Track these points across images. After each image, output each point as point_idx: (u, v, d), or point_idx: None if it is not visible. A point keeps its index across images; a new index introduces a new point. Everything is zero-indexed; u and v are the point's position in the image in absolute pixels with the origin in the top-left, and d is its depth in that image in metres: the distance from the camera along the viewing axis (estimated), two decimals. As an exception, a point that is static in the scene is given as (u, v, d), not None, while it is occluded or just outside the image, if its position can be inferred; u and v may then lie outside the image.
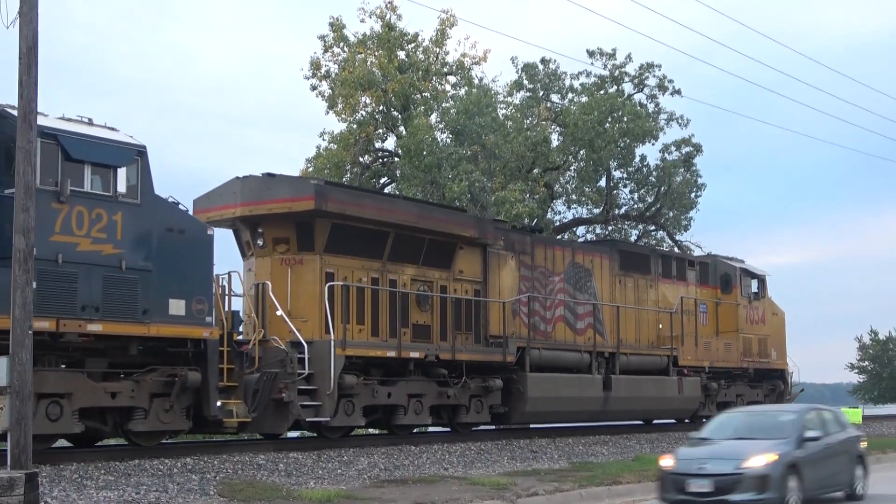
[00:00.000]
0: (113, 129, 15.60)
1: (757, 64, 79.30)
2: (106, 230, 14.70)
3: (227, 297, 17.48)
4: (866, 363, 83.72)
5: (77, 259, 14.32)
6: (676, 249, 39.96)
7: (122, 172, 14.95)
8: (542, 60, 39.93)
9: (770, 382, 31.30)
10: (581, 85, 39.95)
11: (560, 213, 40.69)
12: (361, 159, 39.35)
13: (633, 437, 23.81)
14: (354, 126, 38.47)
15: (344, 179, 38.44)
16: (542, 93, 39.94)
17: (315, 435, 19.50)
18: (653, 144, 39.41)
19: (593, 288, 24.99)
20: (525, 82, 39.80)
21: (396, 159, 38.96)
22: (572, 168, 39.48)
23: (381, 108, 38.94)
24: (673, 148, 40.34)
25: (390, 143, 40.33)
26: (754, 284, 30.98)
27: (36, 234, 11.87)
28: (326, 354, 17.92)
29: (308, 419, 18.21)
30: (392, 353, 19.46)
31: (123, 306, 14.85)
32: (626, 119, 37.22)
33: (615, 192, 40.70)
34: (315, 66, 39.26)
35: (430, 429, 22.50)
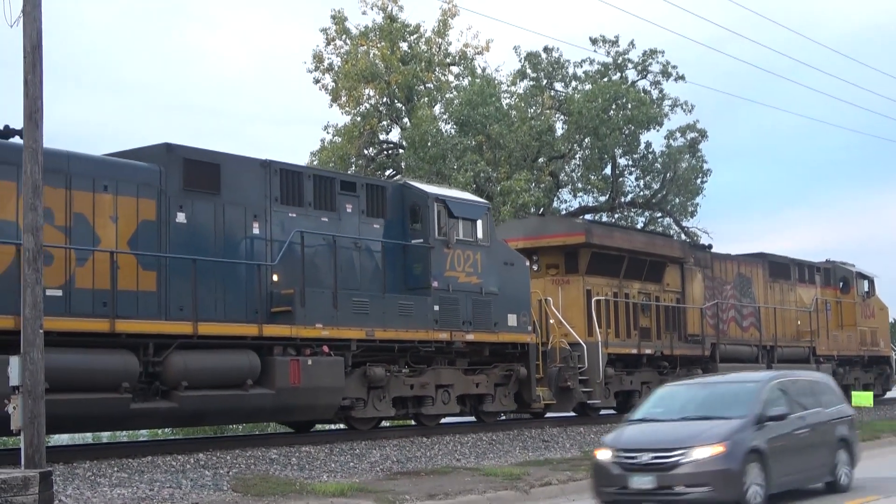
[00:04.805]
0: (464, 192, 21.46)
1: (768, 51, 78.99)
2: (472, 266, 20.02)
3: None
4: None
5: (458, 288, 19.69)
6: (683, 236, 39.93)
7: (479, 223, 20.40)
8: (546, 49, 39.80)
9: (879, 367, 35.98)
10: (584, 73, 39.81)
11: (566, 201, 40.71)
12: (366, 151, 39.36)
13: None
14: (358, 118, 38.45)
15: (350, 172, 38.47)
16: (545, 81, 39.84)
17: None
18: (657, 131, 39.38)
19: (753, 293, 30.12)
20: (528, 71, 39.67)
21: (401, 151, 38.95)
22: (577, 156, 39.43)
23: (384, 99, 38.93)
24: (678, 134, 40.25)
25: (395, 134, 40.35)
26: (866, 285, 35.27)
27: (436, 270, 19.17)
28: (596, 352, 23.16)
29: (588, 402, 23.23)
30: (634, 351, 24.95)
31: (484, 321, 20.23)
32: (630, 106, 37.13)
33: (620, 179, 40.66)
34: (318, 59, 39.25)
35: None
